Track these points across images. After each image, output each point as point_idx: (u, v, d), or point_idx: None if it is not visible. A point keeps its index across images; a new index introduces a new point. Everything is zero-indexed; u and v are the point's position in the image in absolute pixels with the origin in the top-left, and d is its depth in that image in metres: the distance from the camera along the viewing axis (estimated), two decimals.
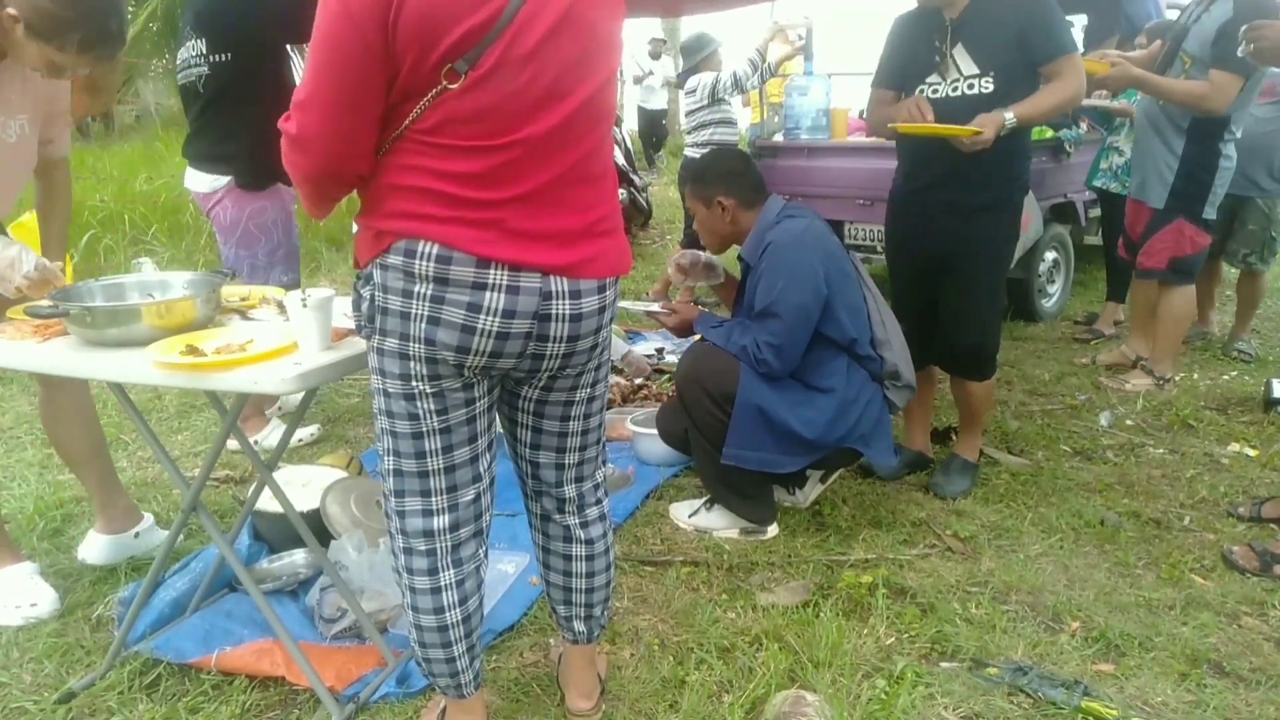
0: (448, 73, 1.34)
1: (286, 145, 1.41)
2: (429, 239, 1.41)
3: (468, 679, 1.67)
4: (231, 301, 2.08)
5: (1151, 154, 3.80)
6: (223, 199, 3.14)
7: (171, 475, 1.93)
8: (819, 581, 2.41)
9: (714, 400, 2.55)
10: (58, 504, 2.88)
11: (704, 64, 5.59)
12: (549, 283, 1.47)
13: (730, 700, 1.91)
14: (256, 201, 3.13)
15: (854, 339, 2.54)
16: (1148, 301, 4.20)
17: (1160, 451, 3.30)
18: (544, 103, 1.40)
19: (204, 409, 3.80)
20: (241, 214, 3.14)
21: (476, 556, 1.65)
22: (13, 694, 2.00)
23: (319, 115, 1.36)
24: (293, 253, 3.31)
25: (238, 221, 3.14)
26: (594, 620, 1.85)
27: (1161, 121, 3.74)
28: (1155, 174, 3.78)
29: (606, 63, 1.49)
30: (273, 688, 1.99)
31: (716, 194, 2.64)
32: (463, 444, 1.56)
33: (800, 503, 2.85)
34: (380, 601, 2.11)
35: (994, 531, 2.69)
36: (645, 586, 2.41)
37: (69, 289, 1.96)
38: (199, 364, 1.62)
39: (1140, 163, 3.92)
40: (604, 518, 1.82)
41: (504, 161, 1.41)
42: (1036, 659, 2.07)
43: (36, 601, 2.28)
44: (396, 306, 1.46)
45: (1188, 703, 1.92)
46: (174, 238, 6.68)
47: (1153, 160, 3.79)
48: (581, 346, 1.57)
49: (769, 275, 2.50)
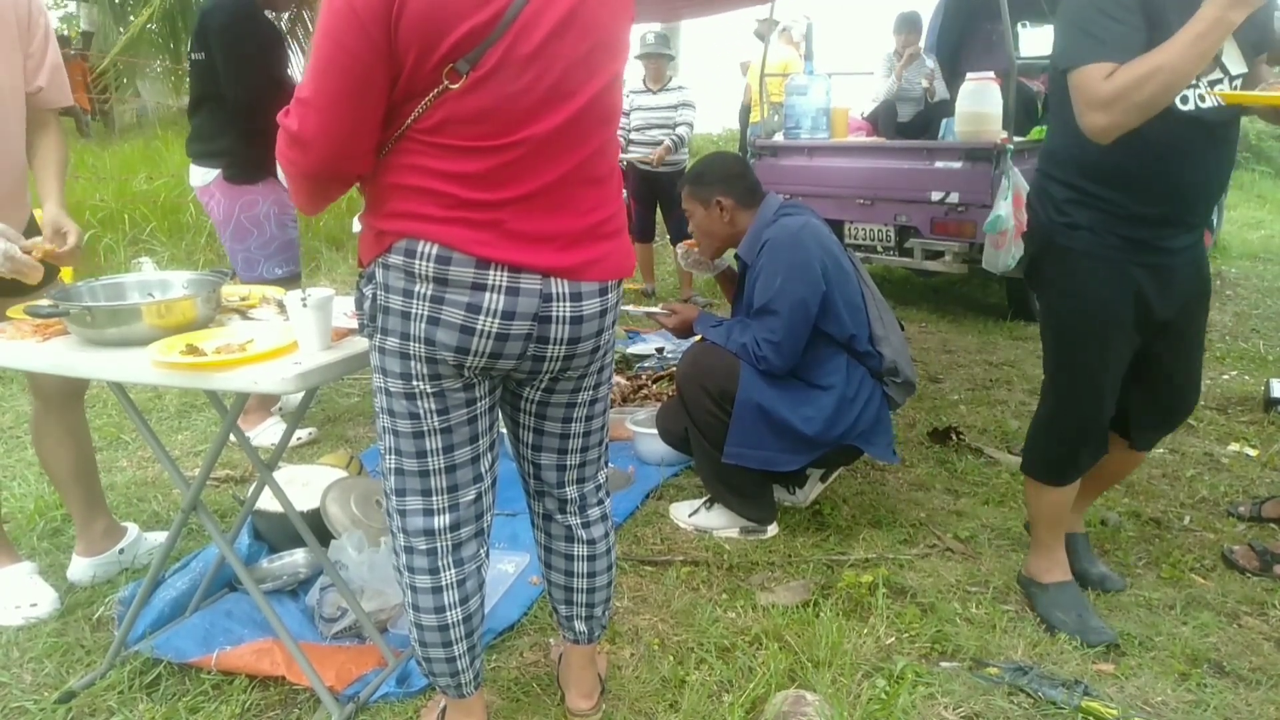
0: (449, 72, 1.33)
1: (285, 142, 1.39)
2: (429, 239, 1.41)
3: (468, 679, 1.67)
4: (231, 301, 2.08)
5: None
6: (214, 192, 3.20)
7: (171, 475, 1.93)
8: (819, 581, 2.41)
9: (714, 399, 2.55)
10: (58, 504, 2.87)
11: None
12: (549, 284, 1.47)
13: (730, 700, 1.91)
14: (247, 194, 3.18)
15: (853, 335, 2.54)
16: None
17: (1160, 451, 3.30)
18: (547, 103, 1.40)
19: (204, 409, 3.80)
20: (233, 207, 3.19)
21: (477, 556, 1.64)
22: (13, 694, 1.99)
23: (321, 113, 1.35)
24: (288, 245, 3.32)
25: (230, 214, 3.20)
26: (595, 620, 1.85)
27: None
28: None
29: (612, 64, 1.49)
30: (273, 687, 1.99)
31: (715, 194, 2.64)
32: (464, 444, 1.56)
33: (800, 502, 2.85)
34: (380, 601, 2.11)
35: (994, 531, 2.69)
36: (645, 586, 2.41)
37: (69, 288, 1.96)
38: (199, 364, 1.62)
39: None
40: (606, 518, 1.82)
41: (505, 162, 1.40)
42: (1036, 659, 2.07)
43: (36, 601, 2.28)
44: (398, 306, 1.45)
45: (1188, 703, 1.92)
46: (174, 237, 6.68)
47: None
48: (583, 349, 1.57)
49: (767, 272, 2.50)
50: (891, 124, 5.96)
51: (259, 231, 3.22)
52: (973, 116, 4.76)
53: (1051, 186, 2.04)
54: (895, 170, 4.96)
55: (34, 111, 2.18)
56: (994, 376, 4.25)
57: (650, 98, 5.57)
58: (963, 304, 5.75)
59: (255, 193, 3.18)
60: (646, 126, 5.57)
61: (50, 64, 2.17)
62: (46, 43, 2.16)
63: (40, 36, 2.15)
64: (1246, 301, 5.85)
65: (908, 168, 4.94)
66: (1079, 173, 1.97)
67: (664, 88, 5.55)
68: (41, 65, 2.15)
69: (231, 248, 3.26)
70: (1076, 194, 1.98)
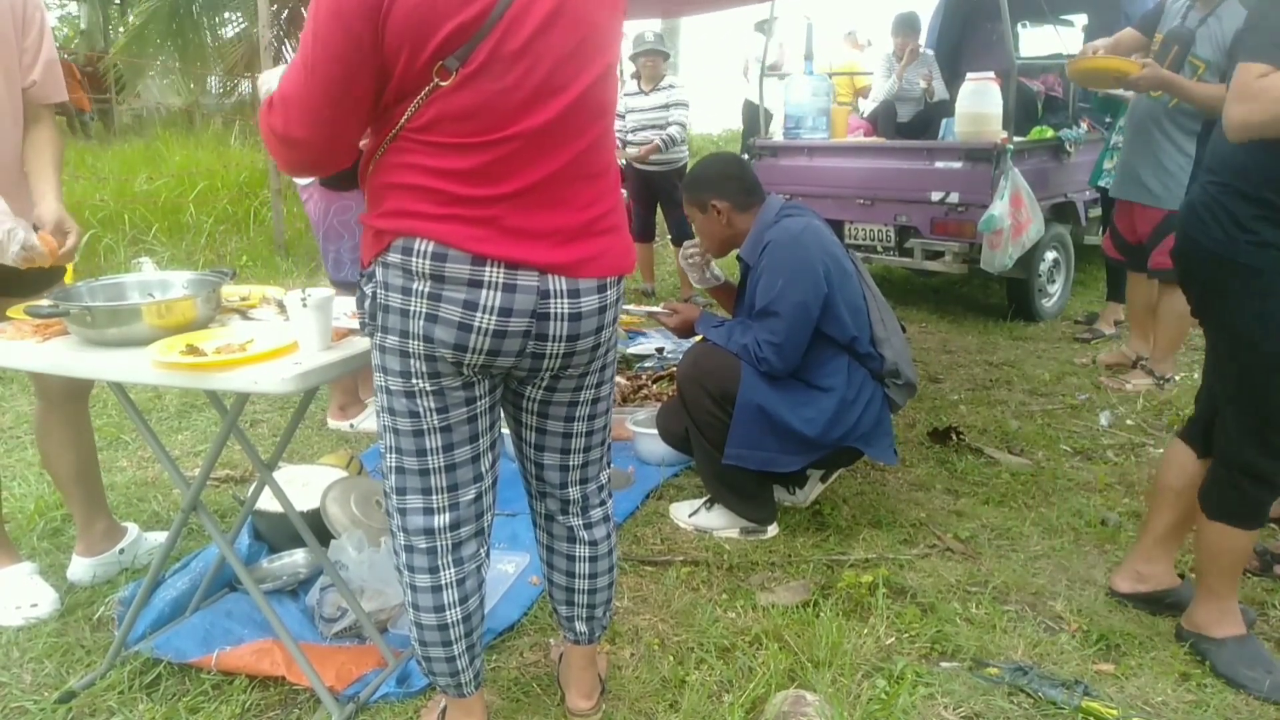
0: (439, 69, 1.34)
1: (270, 137, 1.42)
2: (425, 237, 1.41)
3: (468, 678, 1.67)
4: (231, 301, 2.08)
5: (1159, 156, 3.78)
6: (313, 192, 3.37)
7: (171, 475, 1.93)
8: (819, 581, 2.41)
9: (714, 400, 2.55)
10: (58, 504, 2.87)
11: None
12: (546, 281, 1.47)
13: (730, 700, 1.91)
14: (342, 199, 3.28)
15: (855, 337, 2.54)
16: (1147, 301, 4.20)
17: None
18: (538, 98, 1.40)
19: (204, 409, 3.80)
20: (328, 209, 3.33)
21: (477, 556, 1.65)
22: (13, 694, 1.99)
23: (304, 112, 1.37)
24: None
25: (324, 215, 3.35)
26: (596, 620, 1.85)
27: (1168, 124, 3.74)
28: (1165, 175, 3.76)
29: (603, 57, 1.48)
30: (273, 687, 1.99)
31: (710, 198, 2.64)
32: (464, 443, 1.56)
33: (800, 502, 2.85)
34: (380, 601, 2.11)
35: (994, 531, 2.69)
36: (645, 586, 2.41)
37: (69, 289, 1.96)
38: (199, 364, 1.62)
39: (1138, 164, 3.89)
40: (608, 519, 1.82)
41: (498, 158, 1.40)
42: (1037, 659, 2.07)
43: (37, 601, 2.28)
44: (397, 304, 1.46)
45: (1188, 703, 1.92)
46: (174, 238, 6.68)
47: (1161, 161, 3.77)
48: (582, 347, 1.56)
49: (769, 274, 2.50)
50: (891, 124, 5.97)
51: (350, 236, 3.35)
52: (973, 117, 4.76)
53: (1233, 201, 1.87)
54: (895, 170, 4.96)
55: (28, 107, 2.17)
56: (994, 376, 4.25)
57: (643, 99, 5.55)
58: (963, 304, 5.75)
59: (350, 198, 3.24)
60: (640, 128, 5.54)
61: (45, 59, 2.17)
62: (42, 38, 2.16)
63: (36, 32, 2.15)
64: None
65: (908, 168, 4.94)
66: (1274, 188, 1.82)
67: (656, 88, 5.53)
68: (36, 60, 2.15)
69: (324, 247, 3.44)
70: (1267, 210, 1.83)
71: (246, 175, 7.94)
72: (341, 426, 3.64)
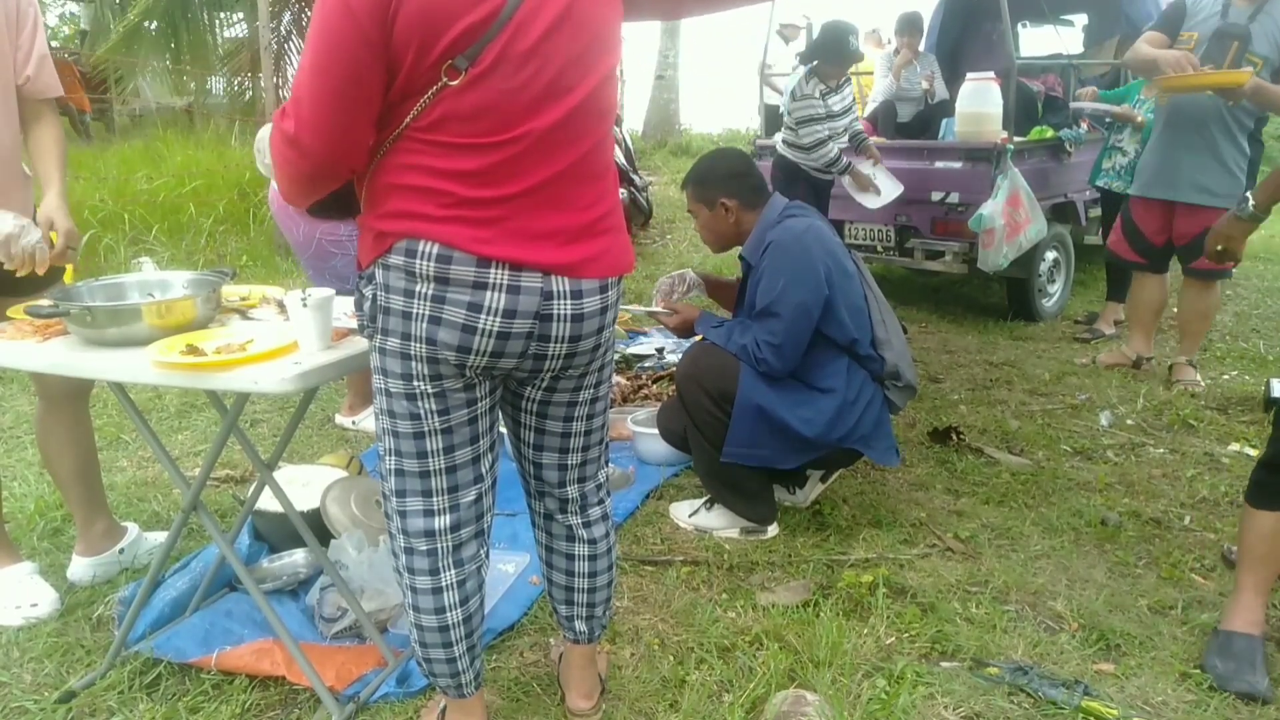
0: (448, 69, 1.34)
1: (282, 143, 1.40)
2: (429, 238, 1.41)
3: (468, 679, 1.67)
4: (231, 301, 2.08)
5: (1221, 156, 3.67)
6: (299, 221, 3.25)
7: (171, 475, 1.93)
8: (819, 581, 2.41)
9: (714, 400, 2.55)
10: (58, 504, 2.87)
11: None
12: (550, 282, 1.47)
13: (730, 700, 1.91)
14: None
15: (855, 339, 2.54)
16: (1148, 301, 4.20)
17: (1160, 451, 3.31)
18: (545, 99, 1.40)
19: (204, 409, 3.80)
20: (314, 230, 3.23)
21: (478, 556, 1.65)
22: (13, 694, 1.99)
23: (316, 113, 1.36)
24: None
25: (310, 237, 3.24)
26: (595, 620, 1.85)
27: (1230, 123, 3.65)
28: (1228, 175, 3.68)
29: (607, 59, 1.49)
30: (273, 687, 1.99)
31: (719, 195, 2.64)
32: (464, 444, 1.56)
33: (800, 502, 2.85)
34: (380, 601, 2.11)
35: (994, 531, 2.69)
36: (645, 586, 2.41)
37: (69, 289, 1.96)
38: (199, 364, 1.62)
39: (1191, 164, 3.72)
40: (606, 518, 1.82)
41: (504, 159, 1.40)
42: (1037, 659, 2.07)
43: (37, 601, 2.28)
44: (398, 306, 1.45)
45: (1188, 703, 1.92)
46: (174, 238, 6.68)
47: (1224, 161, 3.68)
48: (584, 347, 1.57)
49: (770, 274, 2.50)
50: (891, 124, 5.97)
51: (342, 253, 3.25)
52: (973, 116, 4.76)
53: None
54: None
55: (26, 103, 2.17)
56: (994, 376, 4.25)
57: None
58: (963, 304, 5.75)
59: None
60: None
61: (37, 54, 2.17)
62: (35, 34, 2.17)
63: (29, 28, 2.15)
64: (1246, 301, 5.84)
65: (908, 168, 4.94)
66: None
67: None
68: (30, 56, 2.15)
69: (316, 266, 3.32)
70: None
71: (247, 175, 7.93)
72: (344, 424, 3.64)
